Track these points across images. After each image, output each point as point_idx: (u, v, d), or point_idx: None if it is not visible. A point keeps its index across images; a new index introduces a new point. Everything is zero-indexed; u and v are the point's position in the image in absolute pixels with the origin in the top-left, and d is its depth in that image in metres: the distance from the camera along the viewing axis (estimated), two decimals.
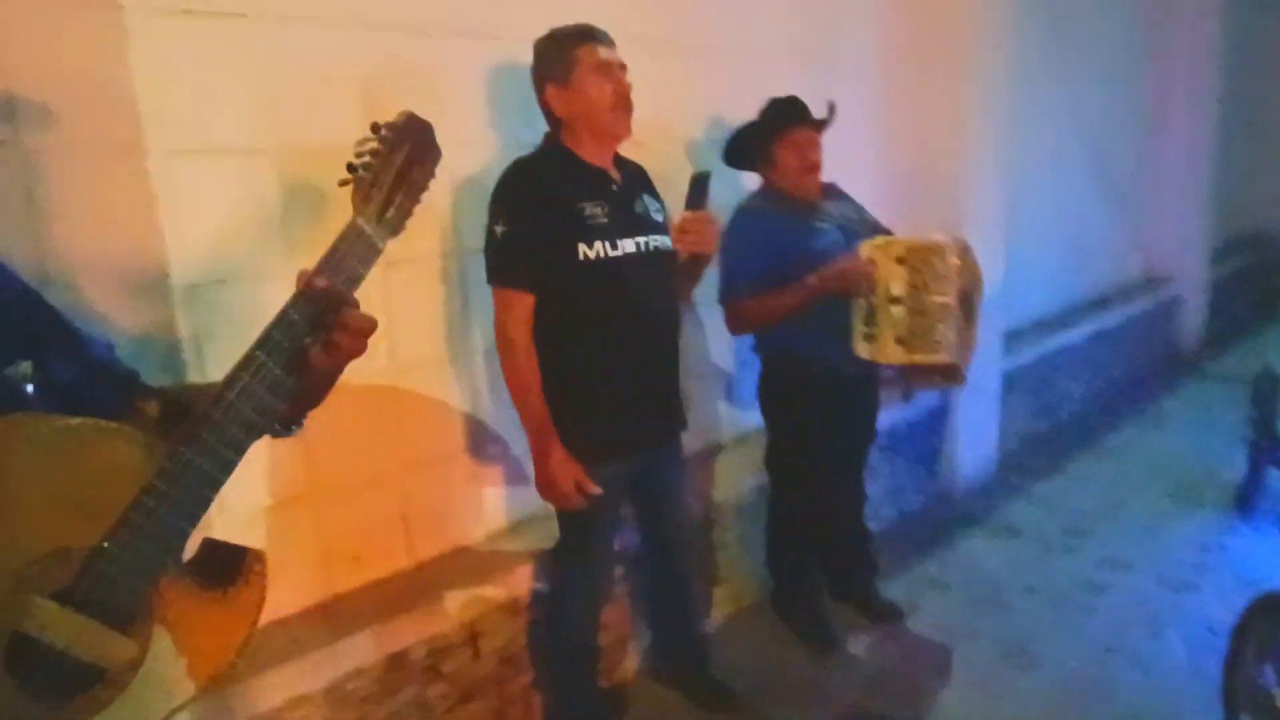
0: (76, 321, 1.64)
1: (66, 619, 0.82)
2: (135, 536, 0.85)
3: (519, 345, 1.91)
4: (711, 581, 2.90)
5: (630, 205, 2.00)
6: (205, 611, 0.95)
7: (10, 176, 1.62)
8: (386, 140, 1.08)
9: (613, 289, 1.93)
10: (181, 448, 0.88)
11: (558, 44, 1.96)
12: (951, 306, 2.32)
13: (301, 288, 0.98)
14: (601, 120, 1.95)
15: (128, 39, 1.74)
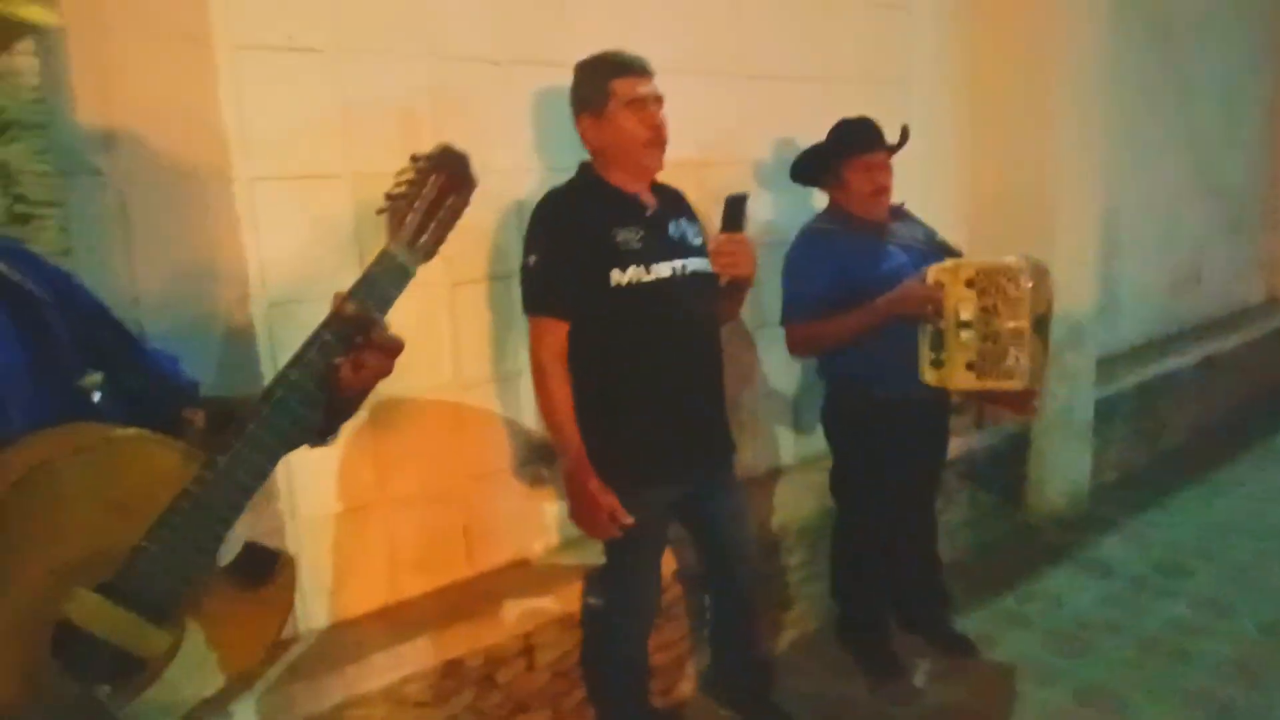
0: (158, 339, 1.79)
1: (107, 610, 0.89)
2: (171, 538, 0.92)
3: (551, 372, 1.95)
4: (776, 606, 2.87)
5: (665, 230, 2.01)
6: (237, 609, 1.02)
7: (107, 202, 1.77)
8: (421, 170, 1.13)
9: (647, 313, 1.95)
10: (217, 457, 0.95)
11: (593, 74, 1.98)
12: (1025, 331, 2.24)
13: (333, 310, 1.04)
14: (632, 156, 1.97)
15: (217, 74, 1.89)
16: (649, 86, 1.96)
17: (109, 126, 1.76)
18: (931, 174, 3.47)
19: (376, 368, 1.06)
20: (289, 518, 2.08)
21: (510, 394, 2.40)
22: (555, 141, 2.38)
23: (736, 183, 2.83)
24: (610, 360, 1.98)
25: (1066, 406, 3.70)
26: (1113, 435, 4.22)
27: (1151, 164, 4.61)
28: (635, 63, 1.97)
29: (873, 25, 3.21)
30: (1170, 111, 4.71)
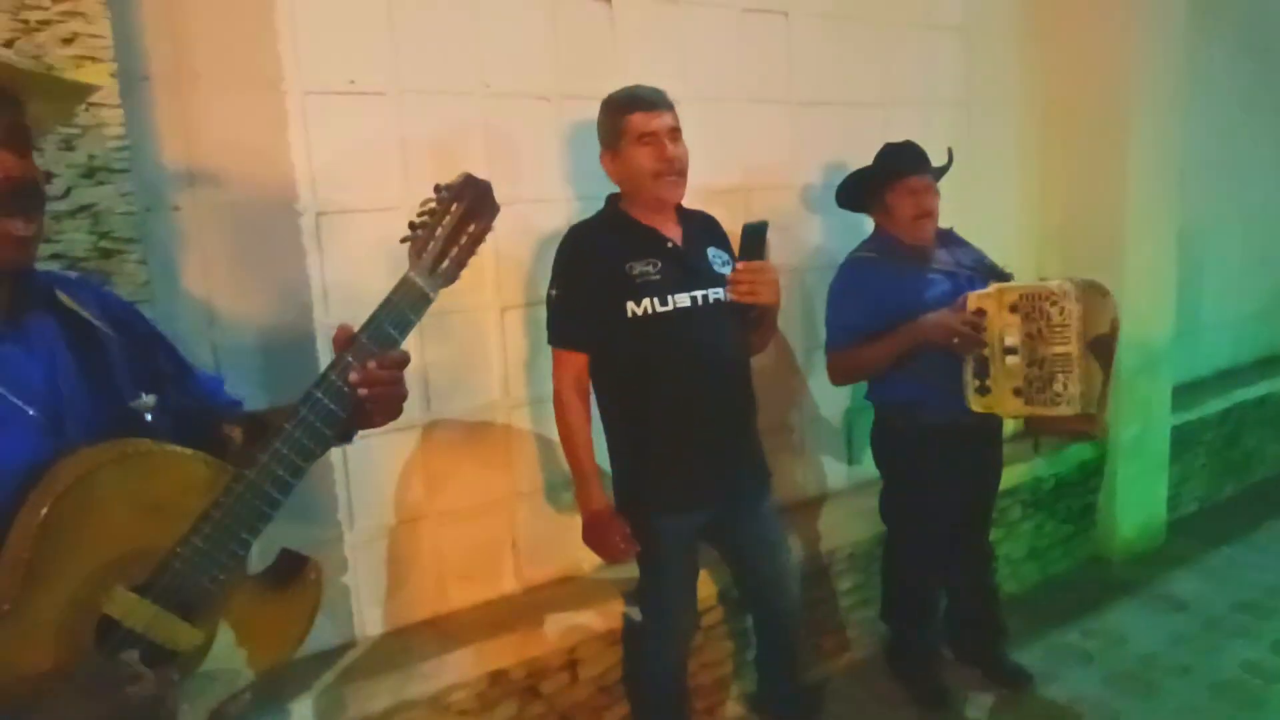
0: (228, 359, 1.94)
1: (143, 607, 1.00)
2: (203, 543, 1.02)
3: (568, 402, 2.02)
4: (824, 631, 2.86)
5: (686, 260, 2.04)
6: (265, 610, 1.12)
7: (184, 235, 1.94)
8: (443, 200, 1.22)
9: (666, 342, 1.98)
10: (246, 471, 1.05)
11: (609, 111, 2.04)
12: (1072, 356, 2.20)
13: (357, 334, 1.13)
14: (645, 188, 2.01)
15: (287, 116, 2.05)
16: (661, 120, 1.99)
17: (189, 166, 1.94)
18: (996, 199, 3.42)
19: (385, 379, 1.13)
20: (347, 529, 2.21)
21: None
22: (603, 172, 2.47)
23: (786, 208, 2.88)
24: (631, 389, 2.03)
25: (1140, 435, 3.57)
26: (1194, 465, 4.05)
27: (1245, 180, 4.41)
28: (647, 97, 2.01)
29: (930, 48, 3.20)
30: (1266, 124, 4.50)
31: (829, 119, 2.96)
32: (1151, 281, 3.48)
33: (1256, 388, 4.38)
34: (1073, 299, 2.18)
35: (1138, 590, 3.38)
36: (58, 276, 1.13)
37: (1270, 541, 3.79)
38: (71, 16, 1.59)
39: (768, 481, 2.23)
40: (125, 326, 1.16)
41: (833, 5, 2.91)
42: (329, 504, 2.19)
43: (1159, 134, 3.43)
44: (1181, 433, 3.86)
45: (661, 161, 1.98)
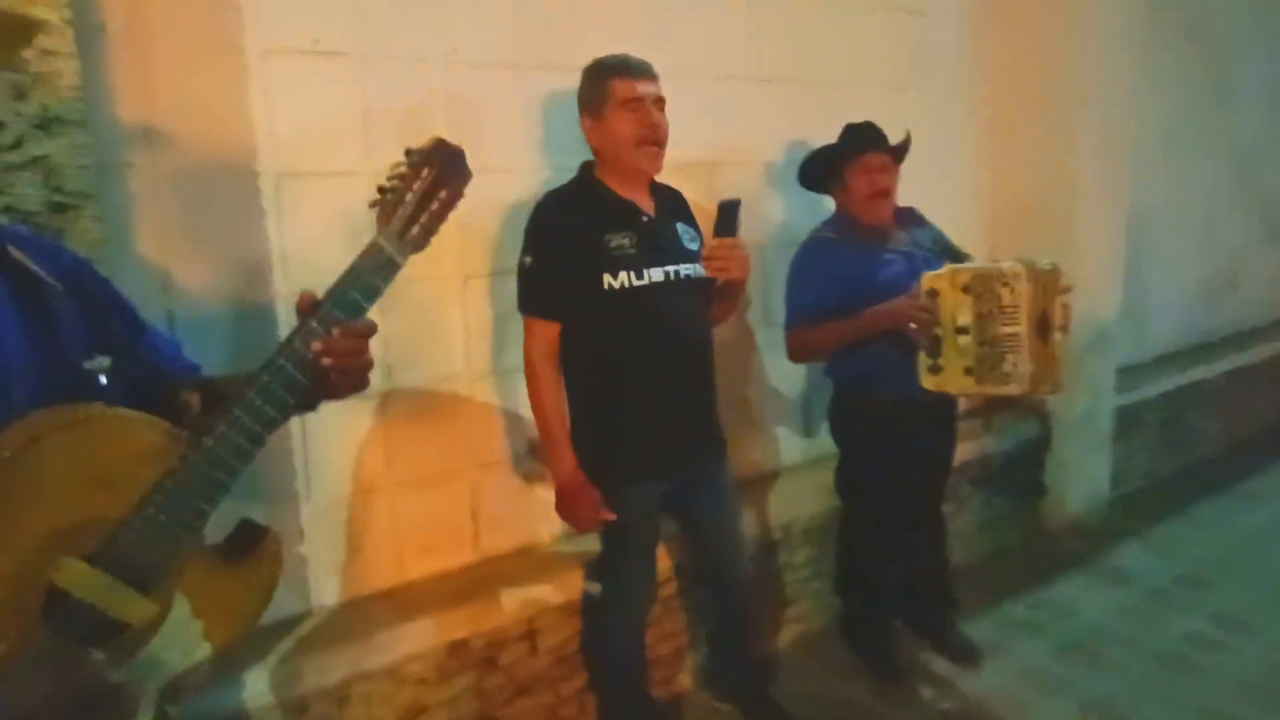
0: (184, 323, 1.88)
1: (94, 577, 0.97)
2: (157, 512, 0.99)
3: (540, 371, 2.02)
4: (778, 603, 2.91)
5: (660, 235, 2.05)
6: (222, 582, 1.09)
7: (140, 194, 1.88)
8: (414, 164, 1.17)
9: (638, 317, 2.00)
10: (204, 438, 1.02)
11: (594, 75, 2.02)
12: (1022, 336, 2.24)
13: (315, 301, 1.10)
14: (625, 155, 2.00)
15: (248, 75, 1.98)
16: (648, 88, 1.99)
17: (146, 123, 1.87)
18: (951, 181, 3.46)
19: (350, 348, 1.10)
20: (304, 498, 2.18)
21: (518, 386, 2.44)
22: (568, 143, 2.44)
23: (748, 184, 2.87)
24: (601, 361, 2.04)
25: (1087, 413, 3.67)
26: (1137, 444, 4.17)
27: (1188, 168, 4.52)
28: (636, 65, 2.00)
29: (888, 30, 3.21)
30: (1209, 115, 4.61)
31: (789, 97, 2.96)
32: (1100, 264, 3.56)
33: (1197, 370, 4.52)
34: (1023, 280, 2.21)
35: (1084, 564, 3.48)
36: (9, 231, 1.08)
37: (1209, 517, 3.94)
38: None
39: (724, 453, 2.26)
40: (79, 286, 1.11)
41: None
42: (286, 474, 2.15)
43: (1108, 120, 3.50)
44: (1126, 412, 3.97)
45: (645, 128, 1.97)
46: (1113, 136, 3.52)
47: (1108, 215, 3.57)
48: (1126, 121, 3.58)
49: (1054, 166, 3.48)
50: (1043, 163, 3.51)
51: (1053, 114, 3.46)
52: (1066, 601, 3.20)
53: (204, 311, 1.99)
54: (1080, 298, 2.49)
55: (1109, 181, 3.54)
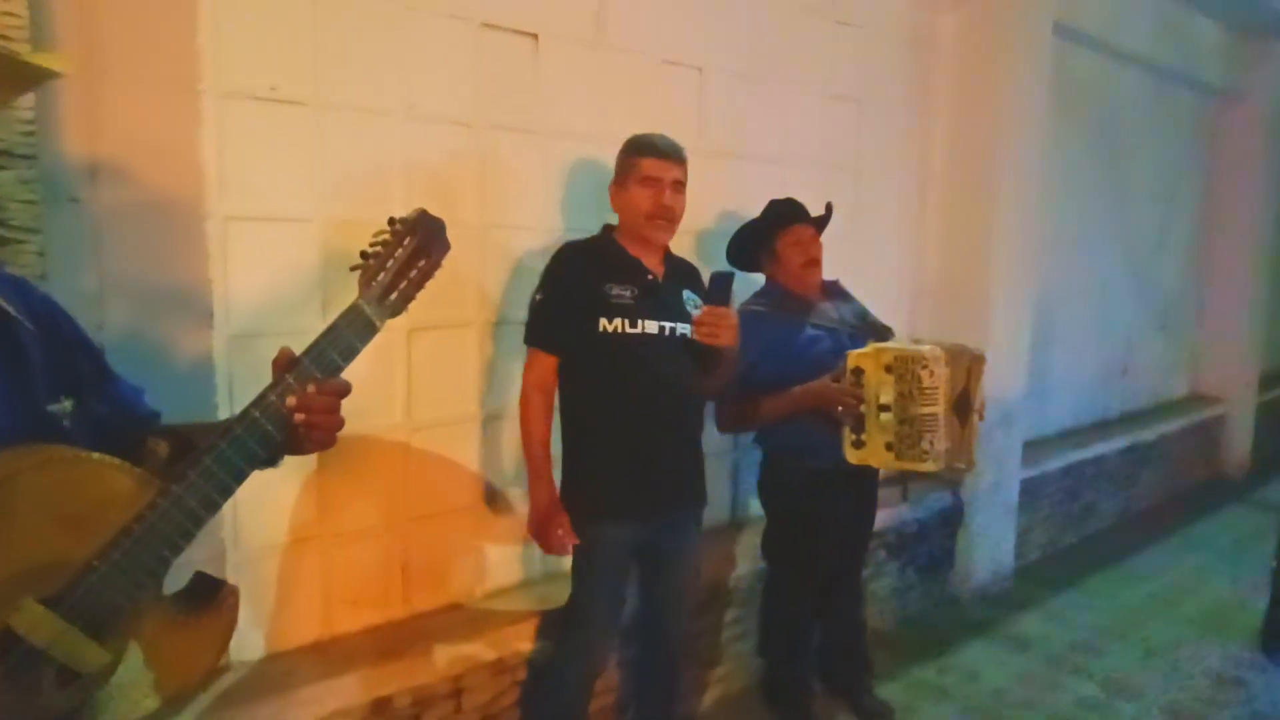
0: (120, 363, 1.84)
1: (51, 622, 0.95)
2: (121, 559, 0.98)
3: (532, 399, 2.16)
4: (705, 662, 2.94)
5: (661, 293, 2.20)
6: (178, 634, 1.08)
7: (84, 230, 1.84)
8: (397, 233, 1.22)
9: (628, 361, 2.13)
10: (172, 486, 1.02)
11: (628, 148, 2.22)
12: (939, 417, 2.37)
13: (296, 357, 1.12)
14: (636, 224, 2.19)
15: (202, 117, 1.98)
16: (669, 171, 2.17)
17: (94, 159, 1.85)
18: (877, 257, 3.66)
19: (324, 405, 1.13)
20: (231, 546, 2.12)
21: (458, 439, 2.48)
22: (521, 200, 2.51)
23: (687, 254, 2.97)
24: (590, 398, 2.18)
25: (994, 485, 3.86)
26: (1038, 515, 4.41)
27: (1087, 260, 4.88)
28: (663, 147, 2.19)
29: (826, 114, 3.40)
30: (1107, 212, 5.00)
31: (731, 172, 3.09)
32: (1010, 343, 3.80)
33: (1094, 448, 4.82)
34: (942, 364, 2.36)
35: (988, 630, 3.64)
36: None
37: (1102, 587, 4.17)
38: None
39: (701, 508, 2.36)
40: (49, 324, 1.10)
41: (743, 65, 3.06)
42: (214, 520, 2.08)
43: (1020, 211, 3.78)
44: (1029, 485, 4.20)
45: (657, 206, 2.15)
46: (1024, 227, 3.80)
47: (1017, 299, 3.83)
48: (1036, 214, 3.87)
49: (971, 252, 3.73)
50: (962, 248, 3.76)
51: (972, 203, 3.72)
52: (972, 666, 3.34)
53: (141, 351, 1.94)
54: (990, 375, 2.67)
55: (1019, 268, 3.81)
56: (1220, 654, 3.50)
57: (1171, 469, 5.57)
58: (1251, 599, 3.90)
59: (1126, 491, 5.17)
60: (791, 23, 3.21)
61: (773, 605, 2.86)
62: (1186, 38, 5.15)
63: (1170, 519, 5.20)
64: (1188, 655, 3.48)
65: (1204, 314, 6.11)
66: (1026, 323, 3.91)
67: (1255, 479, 6.11)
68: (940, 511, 3.76)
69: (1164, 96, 5.32)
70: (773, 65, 3.16)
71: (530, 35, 2.50)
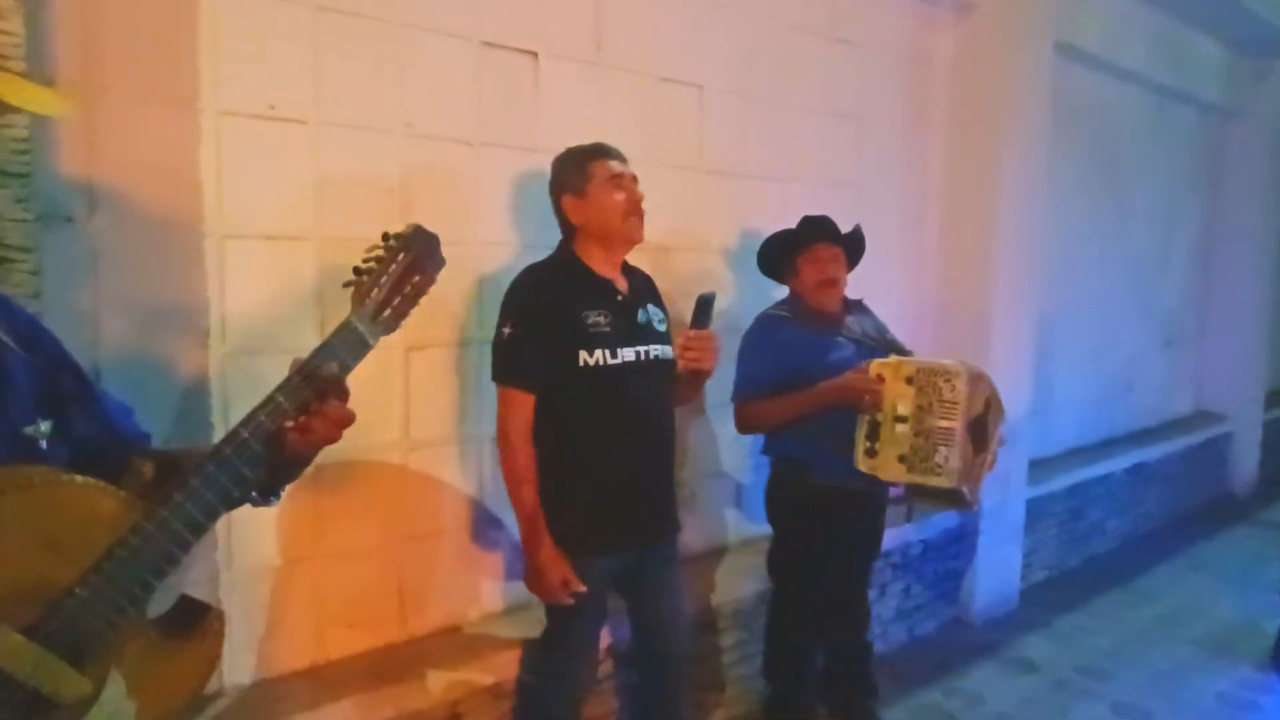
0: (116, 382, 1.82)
1: (28, 650, 0.92)
2: (103, 584, 0.96)
3: (515, 442, 2.02)
4: (706, 686, 2.89)
5: (633, 315, 2.12)
6: (161, 660, 1.04)
7: (79, 249, 1.83)
8: (391, 249, 1.20)
9: (610, 394, 2.04)
10: (158, 508, 0.99)
11: (575, 159, 2.13)
12: (955, 431, 2.34)
13: (288, 377, 1.10)
14: (614, 226, 2.10)
15: (200, 135, 1.97)
16: (624, 167, 2.12)
17: (90, 178, 1.84)
18: (879, 276, 3.63)
19: (324, 435, 1.11)
20: (224, 567, 2.09)
21: (455, 458, 2.45)
22: (519, 218, 2.49)
23: (695, 270, 2.96)
24: (571, 434, 2.06)
25: (999, 505, 3.82)
26: (1044, 536, 4.36)
27: (1089, 279, 4.86)
28: (612, 149, 2.14)
29: (826, 132, 3.40)
30: (1109, 230, 4.99)
31: (732, 189, 3.09)
32: (1013, 361, 3.77)
33: (1098, 466, 4.77)
34: (963, 379, 2.34)
35: (994, 652, 3.58)
36: None
37: (1109, 608, 4.11)
38: None
39: (678, 533, 2.30)
40: (32, 343, 1.08)
41: (743, 83, 3.06)
42: (206, 541, 2.04)
43: (1022, 229, 3.76)
44: (1034, 505, 4.16)
45: (632, 202, 2.09)
46: (1025, 245, 3.78)
47: (1018, 316, 3.80)
48: (1038, 232, 3.85)
49: (972, 269, 3.72)
50: (964, 265, 3.75)
51: (973, 221, 3.71)
52: (978, 689, 3.28)
53: (136, 370, 1.92)
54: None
55: (1020, 286, 3.79)
56: (1230, 676, 3.44)
57: (1177, 488, 5.51)
58: (1261, 620, 3.84)
59: (1132, 511, 5.11)
60: (791, 41, 3.21)
61: (777, 626, 2.81)
62: (1187, 56, 5.15)
63: (1177, 539, 5.14)
64: (1197, 678, 3.42)
65: (1208, 331, 6.07)
66: (1029, 340, 3.89)
67: (1262, 497, 6.05)
68: (945, 531, 3.71)
69: (1165, 114, 5.32)
70: (772, 83, 3.16)
71: (530, 53, 2.49)
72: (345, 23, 2.15)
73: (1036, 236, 3.86)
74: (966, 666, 3.45)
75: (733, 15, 3.00)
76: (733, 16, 3.00)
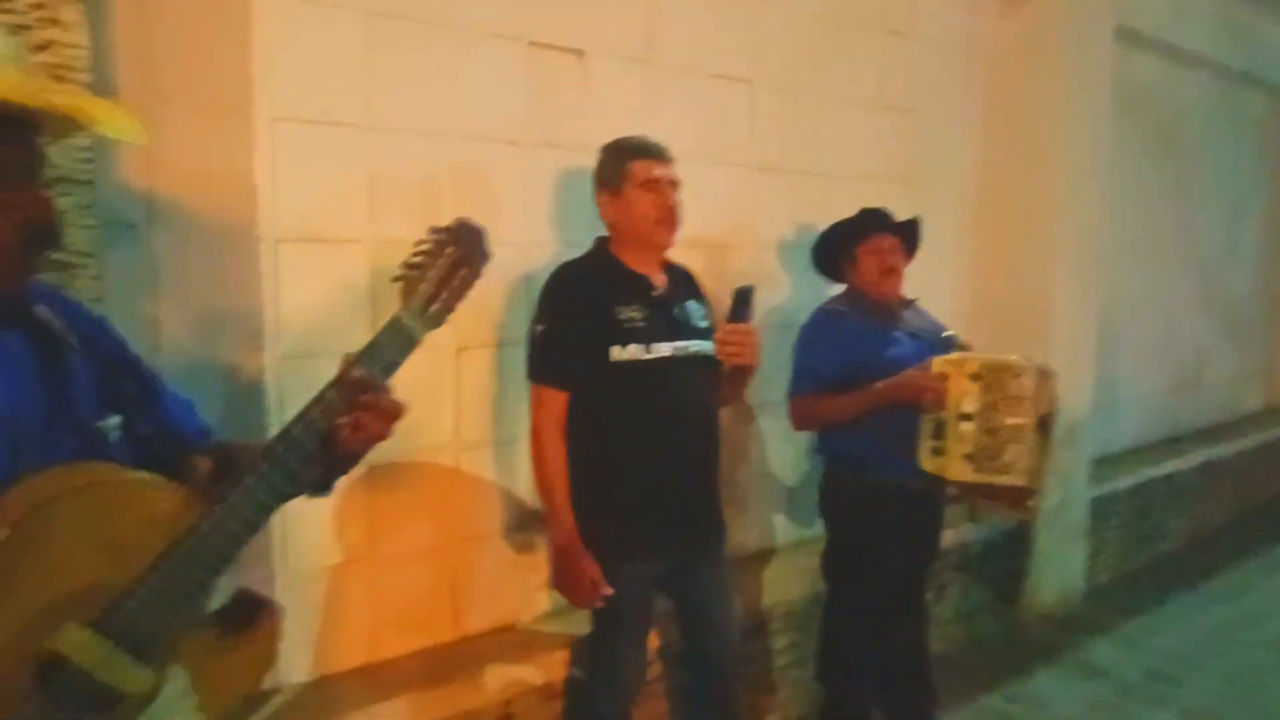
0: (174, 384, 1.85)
1: (95, 645, 0.93)
2: (162, 582, 0.97)
3: (547, 441, 2.01)
4: (760, 689, 2.86)
5: (670, 310, 2.08)
6: (220, 655, 1.05)
7: (140, 254, 1.87)
8: (438, 242, 1.19)
9: (644, 390, 2.01)
10: (215, 507, 1.00)
11: (614, 154, 2.10)
12: (1025, 429, 2.27)
13: (339, 372, 1.10)
14: (643, 232, 2.06)
15: (255, 141, 2.00)
16: (665, 170, 2.06)
17: (150, 185, 1.88)
18: (932, 272, 3.55)
19: (376, 431, 1.11)
20: (280, 568, 2.12)
21: (507, 458, 2.45)
22: (567, 218, 2.49)
23: (749, 266, 2.93)
24: (606, 433, 2.03)
25: (1061, 505, 3.71)
26: (1108, 536, 4.23)
27: (1152, 271, 4.71)
28: (654, 148, 2.08)
29: (878, 126, 3.34)
30: (1171, 221, 4.83)
31: (783, 185, 3.05)
32: (1074, 357, 3.66)
33: (1164, 465, 4.62)
34: (1032, 375, 2.27)
35: (1057, 656, 3.48)
36: (34, 286, 1.07)
37: (1177, 611, 3.97)
38: (48, 24, 1.53)
39: (725, 534, 2.25)
40: (96, 343, 1.10)
41: (793, 78, 3.02)
42: (262, 541, 2.09)
43: (1083, 219, 3.66)
44: (1097, 504, 4.03)
45: (663, 209, 2.04)
46: (1086, 238, 3.67)
47: (1080, 312, 3.70)
48: (1098, 224, 3.74)
49: (1030, 264, 3.62)
50: (1022, 259, 3.65)
51: (1033, 213, 3.61)
52: (1041, 695, 3.19)
53: (194, 372, 1.95)
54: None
55: (1082, 280, 3.69)
56: None
57: (1248, 486, 5.30)
58: None
59: (1200, 510, 4.93)
60: (842, 34, 3.16)
61: (831, 628, 2.76)
62: (1253, 38, 4.97)
63: (1248, 539, 4.94)
64: (1272, 682, 3.29)
65: (1277, 323, 5.83)
66: (1090, 335, 3.78)
67: None
68: (1005, 532, 3.62)
69: (1231, 99, 5.13)
70: (823, 77, 3.12)
71: (577, 52, 2.49)
72: (395, 27, 2.17)
73: (1096, 229, 3.75)
74: (1028, 670, 3.35)
75: (782, 9, 2.97)
76: (782, 10, 2.97)
